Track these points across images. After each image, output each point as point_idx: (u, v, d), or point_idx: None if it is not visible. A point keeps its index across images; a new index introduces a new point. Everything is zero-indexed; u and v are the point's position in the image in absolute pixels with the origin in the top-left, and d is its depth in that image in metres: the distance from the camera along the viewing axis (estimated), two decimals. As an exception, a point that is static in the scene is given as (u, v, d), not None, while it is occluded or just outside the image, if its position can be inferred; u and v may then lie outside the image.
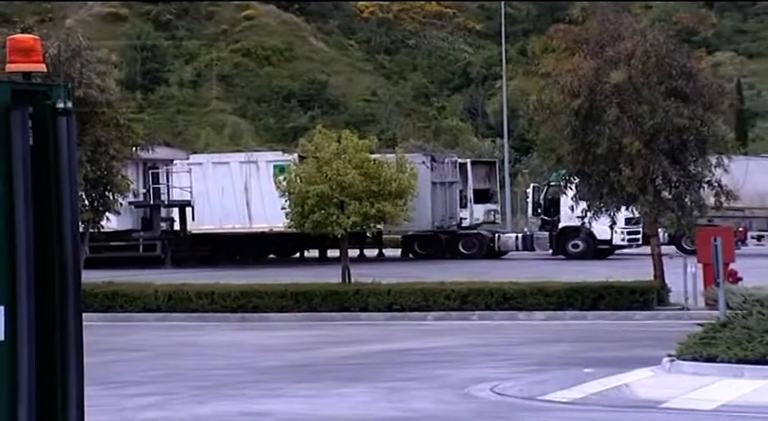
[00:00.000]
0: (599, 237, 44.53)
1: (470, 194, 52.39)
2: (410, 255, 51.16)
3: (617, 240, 47.55)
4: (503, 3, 73.73)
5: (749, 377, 17.12)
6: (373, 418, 15.56)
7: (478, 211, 53.09)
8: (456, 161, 52.85)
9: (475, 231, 51.40)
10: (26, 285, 4.82)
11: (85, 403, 5.22)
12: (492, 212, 54.92)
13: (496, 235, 51.57)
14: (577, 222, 45.33)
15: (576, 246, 48.42)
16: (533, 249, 50.46)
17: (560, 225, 48.67)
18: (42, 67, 5.06)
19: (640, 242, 47.73)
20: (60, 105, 4.94)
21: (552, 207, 48.84)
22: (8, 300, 4.83)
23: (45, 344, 4.97)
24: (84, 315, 5.29)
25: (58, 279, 4.98)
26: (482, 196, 53.75)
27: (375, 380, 18.85)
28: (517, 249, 50.76)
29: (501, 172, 59.18)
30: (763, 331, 18.09)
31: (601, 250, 47.59)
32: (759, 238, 52.47)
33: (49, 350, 4.98)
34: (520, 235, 51.92)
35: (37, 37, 5.28)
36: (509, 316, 28.48)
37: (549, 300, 28.88)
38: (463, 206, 51.78)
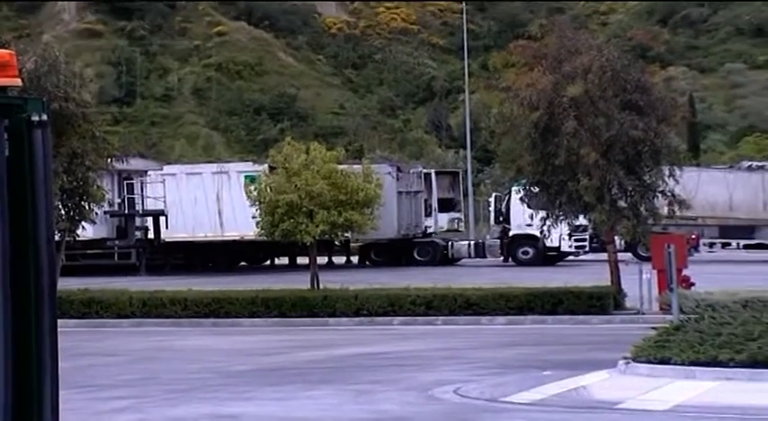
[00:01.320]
0: (548, 244, 44.79)
1: (435, 203, 52.53)
2: (366, 263, 51.19)
3: (565, 247, 47.94)
4: (465, 19, 73.89)
5: (701, 378, 17.20)
6: (341, 420, 15.55)
7: (443, 220, 53.25)
8: (421, 171, 52.98)
9: (429, 239, 51.57)
10: (2, 292, 4.80)
11: (61, 406, 5.20)
12: (456, 220, 55.07)
13: (450, 242, 51.80)
14: (527, 230, 45.85)
15: (525, 252, 48.71)
16: (485, 256, 50.82)
17: (511, 233, 49.06)
18: (18, 82, 5.05)
19: (587, 249, 48.09)
20: (35, 118, 4.92)
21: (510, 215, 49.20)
22: (-15, 306, 4.81)
23: (21, 349, 4.95)
24: (60, 321, 5.27)
25: (33, 286, 4.96)
26: (446, 205, 53.88)
27: (343, 382, 18.84)
28: (470, 256, 51.05)
29: (464, 182, 59.31)
30: (715, 334, 18.19)
31: (549, 257, 47.83)
32: (711, 245, 52.81)
33: (25, 355, 4.96)
34: (472, 242, 52.32)
35: (13, 52, 5.27)
36: (472, 321, 28.55)
37: (509, 306, 28.95)
38: (428, 215, 51.92)
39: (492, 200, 53.48)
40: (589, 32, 39.15)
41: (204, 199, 48.30)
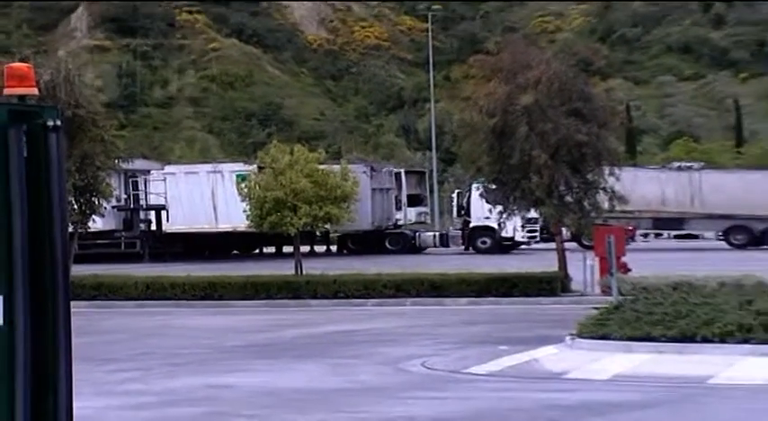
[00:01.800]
0: (504, 234, 44.94)
1: (404, 199, 52.53)
2: (344, 251, 51.15)
3: (518, 237, 48.08)
4: (430, 36, 73.83)
5: (637, 352, 17.29)
6: (322, 389, 15.54)
7: (411, 213, 53.25)
8: (392, 170, 52.98)
9: (399, 231, 51.56)
10: (22, 278, 4.78)
11: (74, 377, 5.18)
12: (423, 214, 55.11)
13: (417, 233, 51.83)
14: (486, 222, 46.02)
15: (484, 242, 48.79)
16: (448, 245, 50.92)
17: (471, 225, 49.17)
18: (35, 91, 5.02)
19: (538, 239, 48.23)
20: (50, 123, 4.90)
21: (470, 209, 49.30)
22: (6, 291, 4.79)
23: (38, 328, 4.93)
24: (73, 302, 5.24)
25: (49, 272, 4.94)
26: (414, 200, 53.90)
27: (324, 356, 18.82)
28: (435, 245, 51.12)
29: (430, 180, 59.41)
30: (649, 313, 18.28)
31: (505, 245, 47.94)
32: (645, 236, 53.18)
33: (41, 333, 4.94)
34: (437, 233, 52.42)
35: (31, 65, 5.24)
36: (437, 302, 28.54)
37: (470, 289, 28.96)
38: (398, 209, 51.92)
39: (455, 196, 53.61)
40: (539, 49, 39.18)
41: (200, 195, 48.16)
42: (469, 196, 48.61)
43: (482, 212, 45.81)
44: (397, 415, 13.20)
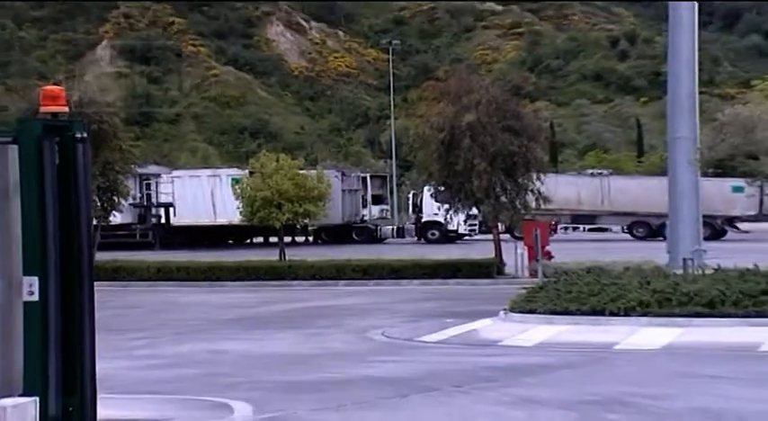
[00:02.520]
0: (450, 228, 44.99)
1: (369, 198, 52.53)
2: (319, 241, 51.09)
3: (462, 230, 48.22)
4: (391, 66, 73.79)
5: (557, 323, 17.41)
6: (300, 353, 15.54)
7: (374, 210, 53.24)
8: (359, 175, 52.94)
9: (364, 225, 51.53)
10: (54, 263, 4.77)
11: (96, 344, 5.16)
12: (384, 211, 55.15)
13: (379, 227, 51.89)
14: (435, 218, 46.13)
15: (433, 234, 48.85)
16: (404, 237, 51.07)
17: (423, 220, 49.29)
18: (66, 109, 5.02)
19: (478, 231, 48.39)
20: (78, 136, 4.89)
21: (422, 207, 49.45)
22: (41, 273, 4.78)
23: (67, 303, 4.91)
24: (96, 283, 5.23)
25: (76, 258, 4.93)
26: (378, 199, 53.89)
27: (301, 327, 18.82)
28: (393, 237, 51.27)
29: (390, 183, 59.42)
30: (567, 292, 18.40)
31: (451, 237, 48.07)
32: (565, 229, 53.48)
33: (70, 308, 4.92)
34: (395, 227, 52.63)
35: (63, 88, 5.23)
36: (395, 283, 28.57)
37: (423, 272, 29.01)
38: (364, 207, 51.91)
39: (410, 196, 53.70)
40: (479, 76, 39.26)
41: (202, 194, 47.95)
42: (422, 196, 48.70)
43: (432, 209, 45.89)
44: (361, 374, 13.23)
